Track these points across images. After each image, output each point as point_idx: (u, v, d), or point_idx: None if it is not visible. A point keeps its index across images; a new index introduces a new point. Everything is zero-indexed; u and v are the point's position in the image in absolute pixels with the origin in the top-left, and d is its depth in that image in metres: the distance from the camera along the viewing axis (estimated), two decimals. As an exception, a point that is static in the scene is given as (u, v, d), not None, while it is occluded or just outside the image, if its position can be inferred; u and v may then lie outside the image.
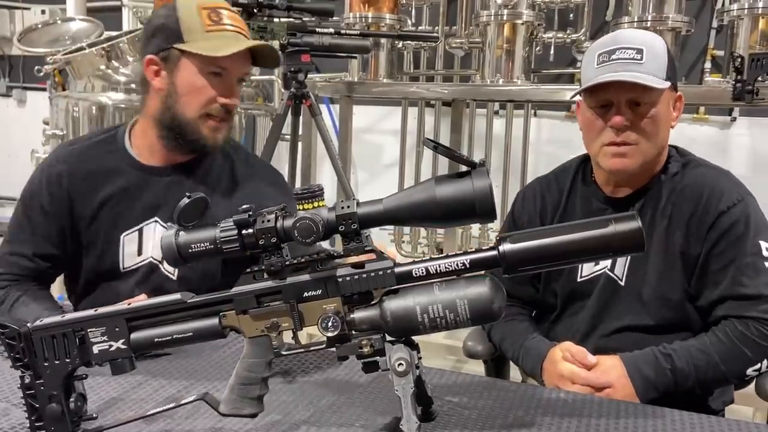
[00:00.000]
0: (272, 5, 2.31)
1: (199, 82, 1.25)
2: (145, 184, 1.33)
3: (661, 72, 1.20)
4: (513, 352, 1.33)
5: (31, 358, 0.87)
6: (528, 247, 0.79)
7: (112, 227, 1.32)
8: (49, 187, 1.32)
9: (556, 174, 1.41)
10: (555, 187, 1.38)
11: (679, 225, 1.24)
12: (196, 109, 1.26)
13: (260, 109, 3.15)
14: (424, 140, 0.82)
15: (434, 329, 0.81)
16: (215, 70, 1.25)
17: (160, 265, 1.33)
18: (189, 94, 1.25)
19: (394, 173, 3.64)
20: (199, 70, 1.24)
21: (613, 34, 1.30)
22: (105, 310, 0.87)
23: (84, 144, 1.38)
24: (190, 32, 1.23)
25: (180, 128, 1.27)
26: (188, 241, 0.83)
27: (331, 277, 0.82)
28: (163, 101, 1.28)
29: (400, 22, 2.97)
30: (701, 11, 3.21)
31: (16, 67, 5.10)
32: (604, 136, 1.23)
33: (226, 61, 1.24)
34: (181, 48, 1.24)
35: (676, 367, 1.17)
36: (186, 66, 1.25)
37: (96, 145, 1.36)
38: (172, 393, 1.04)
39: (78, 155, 1.35)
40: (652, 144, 1.23)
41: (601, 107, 1.23)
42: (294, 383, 1.08)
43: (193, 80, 1.25)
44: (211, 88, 1.25)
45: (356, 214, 0.79)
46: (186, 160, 1.34)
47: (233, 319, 0.85)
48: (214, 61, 1.24)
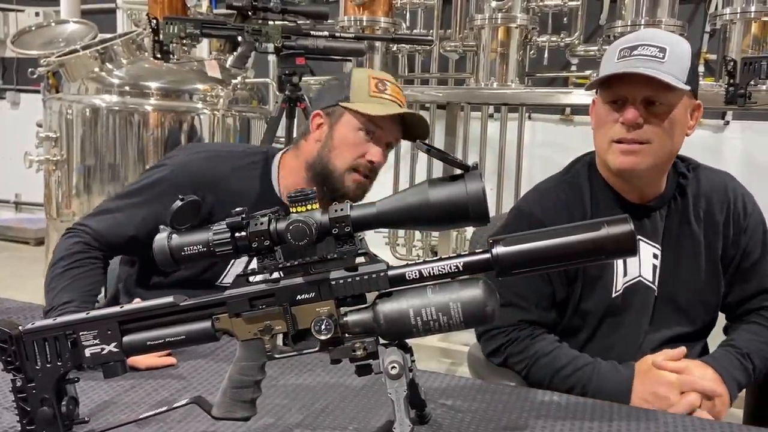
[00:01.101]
0: (267, 8, 2.31)
1: (353, 137, 1.36)
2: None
3: (682, 74, 1.16)
4: (576, 382, 1.18)
5: (23, 361, 0.86)
6: (521, 249, 0.79)
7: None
8: (194, 188, 1.30)
9: (569, 183, 1.31)
10: (574, 196, 1.29)
11: (715, 229, 1.25)
12: (346, 161, 1.36)
13: (255, 112, 3.15)
14: (417, 143, 0.82)
15: (427, 332, 0.81)
16: (370, 128, 1.36)
17: None
18: (343, 147, 1.37)
19: (388, 176, 3.64)
20: (356, 127, 1.36)
21: (638, 33, 1.26)
22: (97, 313, 0.87)
23: (238, 157, 1.43)
24: (356, 94, 1.37)
25: (328, 177, 1.37)
26: (181, 244, 0.82)
27: (324, 280, 0.82)
28: (319, 149, 1.39)
29: (395, 26, 2.98)
30: (694, 15, 3.23)
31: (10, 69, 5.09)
32: (615, 131, 1.18)
33: (380, 121, 1.35)
34: (345, 105, 1.36)
35: (755, 366, 1.20)
36: (346, 121, 1.37)
37: (249, 165, 1.42)
38: (164, 396, 1.04)
39: (232, 169, 1.39)
40: (665, 146, 1.18)
41: (614, 102, 1.18)
42: (287, 386, 1.07)
43: (349, 135, 1.36)
44: (363, 145, 1.36)
45: (349, 217, 0.79)
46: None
47: (226, 322, 0.85)
48: (370, 119, 1.35)
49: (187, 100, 2.89)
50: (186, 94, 2.89)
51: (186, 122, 2.86)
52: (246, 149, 1.54)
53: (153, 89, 2.81)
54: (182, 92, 2.88)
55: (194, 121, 2.89)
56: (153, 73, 2.82)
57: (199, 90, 2.90)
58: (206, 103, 2.89)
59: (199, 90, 2.90)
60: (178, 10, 2.99)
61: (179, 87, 2.87)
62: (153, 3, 3.04)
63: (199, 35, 2.31)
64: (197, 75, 2.93)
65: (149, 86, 2.81)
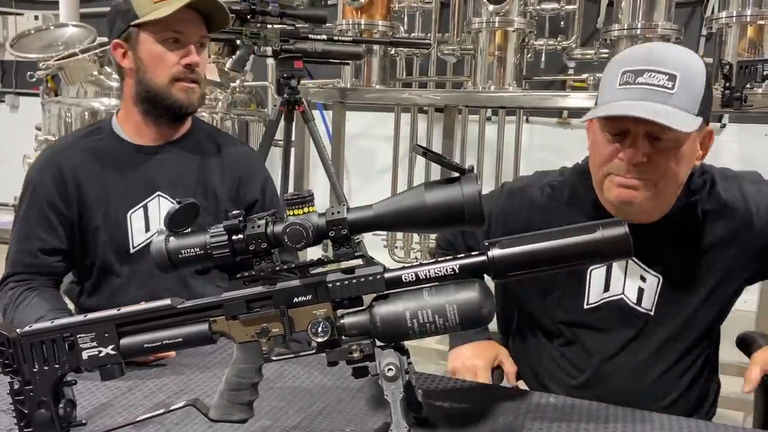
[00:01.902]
0: (265, 12, 2.32)
1: (159, 50, 1.34)
2: (142, 162, 1.39)
3: (693, 105, 1.03)
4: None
5: (21, 363, 0.86)
6: (517, 252, 0.79)
7: (117, 208, 1.37)
8: (55, 181, 1.36)
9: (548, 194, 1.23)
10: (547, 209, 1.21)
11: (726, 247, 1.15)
12: (163, 75, 1.34)
13: (253, 115, 3.16)
14: (414, 146, 0.83)
15: (424, 334, 0.81)
16: (171, 35, 1.33)
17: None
18: (153, 64, 1.34)
19: (387, 179, 3.65)
20: (156, 39, 1.33)
21: (647, 49, 1.08)
22: (95, 315, 0.87)
23: (74, 137, 1.44)
24: (140, 8, 1.32)
25: (155, 98, 1.35)
26: (178, 247, 0.83)
27: (321, 283, 0.83)
28: (136, 78, 1.37)
29: (393, 29, 2.99)
30: (690, 19, 3.24)
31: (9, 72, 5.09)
32: (614, 166, 1.08)
33: (175, 24, 1.32)
34: (135, 23, 1.33)
35: None
36: (144, 39, 1.34)
37: (85, 136, 1.43)
38: (162, 399, 1.04)
39: (73, 147, 1.40)
40: (669, 183, 1.08)
41: (615, 134, 1.07)
42: (284, 389, 1.08)
43: (153, 50, 1.34)
44: (172, 53, 1.34)
45: (346, 220, 0.79)
46: (174, 137, 1.42)
47: (223, 325, 0.85)
48: (165, 25, 1.32)
49: (186, 103, 2.89)
50: (184, 98, 2.89)
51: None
52: (80, 129, 1.54)
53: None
54: (181, 95, 2.88)
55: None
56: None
57: (197, 93, 2.90)
58: (205, 106, 2.90)
59: (198, 93, 2.90)
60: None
61: (178, 90, 2.87)
62: (152, 6, 3.04)
63: (197, 39, 2.31)
64: (196, 78, 2.93)
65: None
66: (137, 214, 1.38)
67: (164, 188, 1.39)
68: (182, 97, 1.36)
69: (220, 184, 1.43)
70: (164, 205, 1.39)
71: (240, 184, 1.46)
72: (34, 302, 1.29)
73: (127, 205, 1.37)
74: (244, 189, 1.46)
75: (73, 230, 1.37)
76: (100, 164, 1.38)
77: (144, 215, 1.38)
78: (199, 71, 1.37)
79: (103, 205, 1.37)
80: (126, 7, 1.35)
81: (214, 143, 1.47)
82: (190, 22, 1.34)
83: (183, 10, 1.30)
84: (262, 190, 1.49)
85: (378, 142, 3.85)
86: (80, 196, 1.36)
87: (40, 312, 1.24)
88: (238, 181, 1.46)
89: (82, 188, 1.36)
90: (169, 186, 1.39)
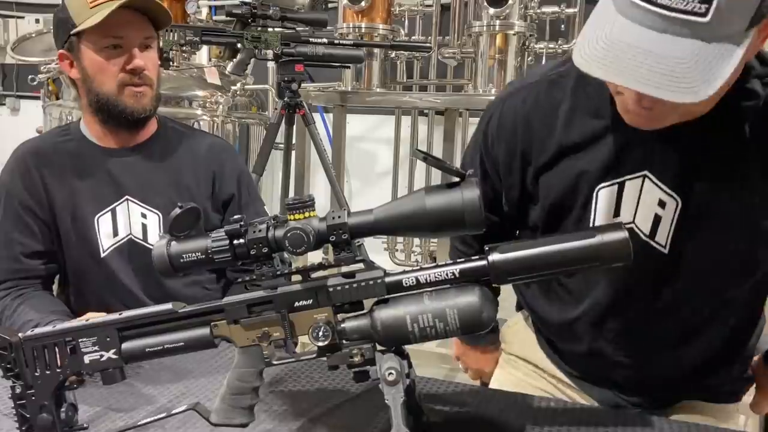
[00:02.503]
0: (266, 15, 2.33)
1: (100, 59, 1.30)
2: (109, 165, 1.37)
3: (742, 21, 0.73)
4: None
5: (22, 368, 0.87)
6: (516, 257, 0.79)
7: (85, 211, 1.35)
8: (24, 182, 1.35)
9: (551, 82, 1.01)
10: (547, 106, 1.00)
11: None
12: (109, 84, 1.31)
13: (254, 118, 3.16)
14: (414, 151, 0.83)
15: (424, 338, 0.81)
16: (111, 42, 1.29)
17: (142, 242, 1.36)
18: (98, 72, 1.31)
19: (387, 181, 3.65)
20: (96, 47, 1.29)
21: None
22: (96, 319, 0.87)
23: (43, 138, 1.43)
24: (78, 15, 1.28)
25: (107, 106, 1.32)
26: (180, 251, 0.83)
27: (322, 287, 0.83)
28: (85, 88, 1.34)
29: (393, 33, 2.99)
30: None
31: (10, 75, 5.10)
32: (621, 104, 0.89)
33: (112, 29, 1.27)
34: (74, 32, 1.28)
35: None
36: (85, 48, 1.30)
37: (54, 137, 1.42)
38: (163, 403, 1.04)
39: (42, 148, 1.39)
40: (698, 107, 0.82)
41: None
42: (285, 393, 1.08)
43: (96, 58, 1.30)
44: (114, 60, 1.29)
45: (347, 225, 0.80)
46: (141, 140, 1.40)
47: (224, 329, 0.85)
48: (103, 32, 1.27)
49: (187, 107, 2.90)
50: (185, 101, 2.90)
51: (186, 129, 2.88)
52: (51, 129, 1.53)
53: (152, 96, 2.82)
54: (182, 99, 2.89)
55: (194, 127, 2.90)
56: (152, 79, 2.82)
57: (198, 96, 2.91)
58: (206, 109, 2.90)
59: (199, 96, 2.91)
60: (178, 17, 3.00)
61: (179, 93, 2.88)
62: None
63: (199, 42, 2.32)
64: (197, 82, 2.94)
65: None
66: (104, 218, 1.36)
67: (133, 193, 1.36)
68: (132, 103, 1.32)
69: (195, 183, 1.40)
70: (133, 210, 1.36)
71: (215, 179, 1.43)
72: (30, 306, 1.28)
73: (94, 209, 1.35)
74: (219, 184, 1.43)
75: (50, 231, 1.36)
76: (67, 166, 1.36)
77: (112, 219, 1.36)
78: (147, 74, 1.32)
79: (70, 207, 1.35)
80: (64, 15, 1.30)
81: (184, 141, 1.44)
82: (131, 24, 1.29)
83: (121, 13, 1.25)
84: (237, 183, 1.45)
85: (378, 145, 3.85)
86: (48, 197, 1.35)
87: (40, 314, 1.23)
88: (213, 176, 1.42)
89: (49, 189, 1.35)
90: (138, 190, 1.36)
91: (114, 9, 1.23)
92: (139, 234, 1.36)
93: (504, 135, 1.06)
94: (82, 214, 1.35)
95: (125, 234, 1.36)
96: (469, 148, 1.20)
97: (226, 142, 1.57)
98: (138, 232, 1.36)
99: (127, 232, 1.36)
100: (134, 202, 1.36)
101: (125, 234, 1.36)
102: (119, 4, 1.24)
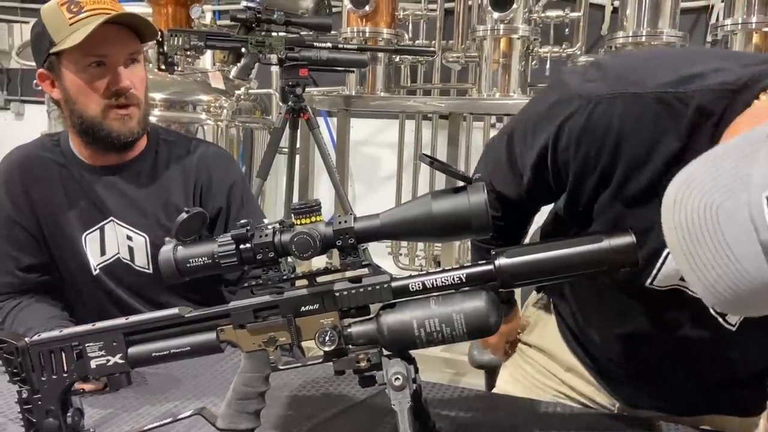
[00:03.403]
0: (270, 20, 2.33)
1: (84, 78, 1.21)
2: (95, 185, 1.32)
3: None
4: None
5: (29, 372, 0.87)
6: (523, 261, 0.79)
7: (73, 228, 1.31)
8: (10, 195, 1.32)
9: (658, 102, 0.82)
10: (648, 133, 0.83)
11: None
12: (95, 106, 1.23)
13: (258, 123, 3.17)
14: (420, 156, 0.83)
15: (431, 343, 0.81)
16: (93, 60, 1.20)
17: (130, 262, 1.33)
18: (81, 94, 1.22)
19: (391, 185, 3.65)
20: (78, 67, 1.21)
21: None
22: (103, 324, 0.87)
23: (32, 150, 1.36)
24: (57, 32, 1.19)
25: (91, 129, 1.25)
26: (186, 256, 0.83)
27: (328, 292, 0.83)
28: (68, 110, 1.26)
29: (397, 37, 3.00)
30: (695, 26, 3.24)
31: (14, 80, 5.11)
32: None
33: (98, 47, 1.19)
34: (54, 51, 1.20)
35: None
36: (66, 67, 1.22)
37: (44, 150, 1.35)
38: (169, 408, 1.04)
39: (30, 161, 1.34)
40: None
41: None
42: (291, 398, 1.08)
43: (78, 78, 1.21)
44: (99, 79, 1.21)
45: (353, 229, 0.80)
46: (128, 159, 1.33)
47: (231, 334, 0.85)
48: (85, 51, 1.18)
49: (191, 111, 2.91)
50: (190, 105, 2.90)
51: (190, 133, 2.88)
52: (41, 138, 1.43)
53: (157, 100, 2.83)
54: (186, 103, 2.89)
55: (198, 131, 2.91)
56: (157, 84, 2.83)
57: (202, 101, 2.91)
58: (210, 113, 2.91)
59: (203, 101, 2.91)
60: (182, 22, 3.01)
61: (183, 98, 2.89)
62: (157, 15, 3.06)
63: (203, 47, 2.33)
64: (201, 86, 2.95)
65: (153, 97, 2.83)
66: (93, 236, 1.32)
67: (118, 214, 1.31)
68: (118, 127, 1.24)
69: (184, 201, 1.33)
70: (120, 232, 1.31)
71: (203, 193, 1.35)
72: (29, 312, 1.27)
73: (81, 227, 1.31)
74: (206, 197, 1.35)
75: (40, 245, 1.32)
76: (55, 182, 1.32)
77: (100, 237, 1.31)
78: (134, 92, 1.24)
79: (57, 224, 1.31)
80: (42, 31, 1.21)
81: (174, 155, 1.36)
82: (114, 40, 1.20)
83: (103, 29, 1.16)
84: (228, 195, 1.36)
85: (382, 148, 3.85)
86: (35, 212, 1.31)
87: (41, 321, 1.22)
88: (201, 189, 1.35)
89: (36, 205, 1.31)
90: (124, 212, 1.31)
91: (97, 25, 1.16)
92: (126, 255, 1.32)
93: (586, 143, 0.87)
94: (69, 231, 1.31)
95: (113, 254, 1.32)
96: (519, 124, 0.99)
97: (222, 150, 1.48)
98: (125, 253, 1.32)
99: (115, 252, 1.32)
100: (119, 224, 1.31)
101: (113, 254, 1.32)
102: (101, 21, 1.16)
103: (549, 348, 1.19)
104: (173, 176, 1.35)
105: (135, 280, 1.33)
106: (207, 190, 1.36)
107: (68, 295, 1.36)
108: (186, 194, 1.35)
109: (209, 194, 1.36)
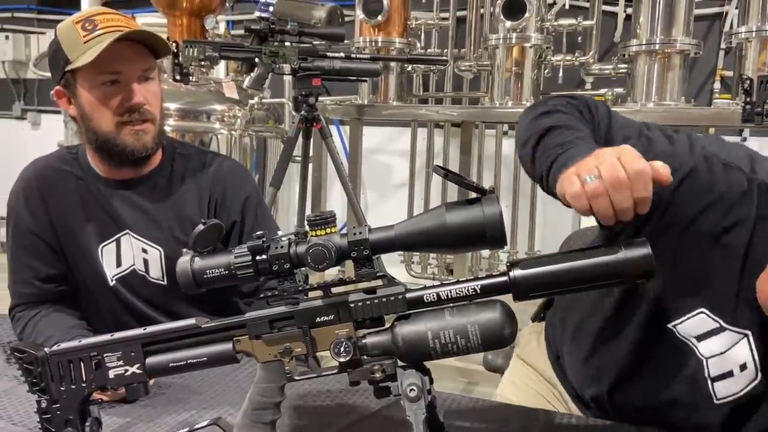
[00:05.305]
0: (284, 30, 2.35)
1: (98, 95, 1.23)
2: (111, 199, 1.33)
3: None
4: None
5: (48, 382, 0.88)
6: (539, 273, 0.79)
7: (90, 241, 1.33)
8: (29, 206, 1.34)
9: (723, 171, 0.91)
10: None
11: None
12: (109, 122, 1.25)
13: (271, 132, 3.19)
14: (434, 167, 0.83)
15: (445, 354, 0.81)
16: (107, 78, 1.23)
17: (145, 274, 1.34)
18: (95, 111, 1.25)
19: (403, 193, 3.66)
20: (92, 84, 1.23)
21: None
22: (121, 335, 0.88)
23: (51, 161, 1.39)
24: (72, 50, 1.22)
25: (106, 145, 1.27)
26: (203, 267, 0.84)
27: (343, 303, 0.83)
28: (84, 126, 1.29)
29: (410, 46, 3.01)
30: (709, 32, 3.23)
31: (31, 90, 5.19)
32: None
33: (112, 64, 1.21)
34: (69, 69, 1.23)
35: None
36: (81, 85, 1.24)
37: (62, 162, 1.37)
38: (185, 417, 1.05)
39: (48, 173, 1.36)
40: None
41: None
42: (306, 408, 1.08)
43: (92, 95, 1.24)
44: (113, 96, 1.23)
45: (368, 241, 0.80)
46: (145, 173, 1.34)
47: (247, 344, 0.86)
48: (99, 68, 1.20)
49: (205, 121, 2.94)
50: (204, 115, 2.93)
51: (204, 142, 2.91)
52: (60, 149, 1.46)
53: (172, 110, 2.86)
54: (200, 113, 2.93)
55: (212, 141, 2.93)
56: (172, 94, 2.87)
57: (216, 111, 2.94)
58: (224, 123, 2.94)
59: (217, 110, 2.94)
60: (197, 33, 3.05)
61: (197, 108, 2.92)
62: (172, 27, 3.10)
63: (218, 58, 2.35)
64: (215, 96, 2.98)
65: (168, 107, 2.86)
66: (109, 248, 1.33)
67: (133, 228, 1.33)
68: (132, 142, 1.26)
69: (198, 214, 1.34)
70: (135, 245, 1.32)
71: (217, 207, 1.36)
72: (48, 322, 1.28)
73: (98, 239, 1.32)
74: (220, 211, 1.36)
75: (58, 255, 1.34)
76: (72, 195, 1.33)
77: (116, 249, 1.33)
78: (148, 108, 1.26)
79: (74, 235, 1.32)
80: (58, 49, 1.24)
81: (190, 168, 1.38)
82: (127, 56, 1.22)
83: (117, 46, 1.18)
84: (242, 209, 1.38)
85: (394, 157, 3.86)
86: (53, 223, 1.33)
87: (60, 330, 1.23)
88: (216, 203, 1.36)
89: (53, 217, 1.33)
90: (139, 225, 1.33)
91: (109, 43, 1.17)
92: (142, 267, 1.34)
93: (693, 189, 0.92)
94: (86, 243, 1.33)
95: (128, 265, 1.34)
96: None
97: (237, 164, 1.48)
98: (140, 265, 1.34)
99: (131, 264, 1.34)
100: (135, 237, 1.33)
101: (128, 265, 1.34)
102: (114, 39, 1.18)
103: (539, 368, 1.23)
104: (188, 190, 1.36)
105: (150, 292, 1.35)
106: (221, 204, 1.37)
107: (85, 305, 1.38)
108: (200, 208, 1.36)
109: (223, 208, 1.37)
